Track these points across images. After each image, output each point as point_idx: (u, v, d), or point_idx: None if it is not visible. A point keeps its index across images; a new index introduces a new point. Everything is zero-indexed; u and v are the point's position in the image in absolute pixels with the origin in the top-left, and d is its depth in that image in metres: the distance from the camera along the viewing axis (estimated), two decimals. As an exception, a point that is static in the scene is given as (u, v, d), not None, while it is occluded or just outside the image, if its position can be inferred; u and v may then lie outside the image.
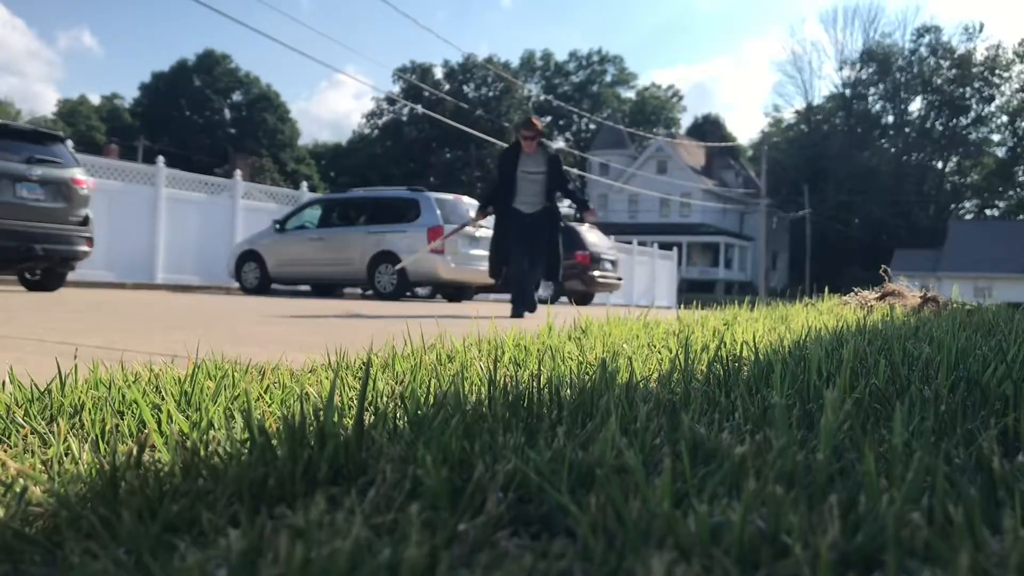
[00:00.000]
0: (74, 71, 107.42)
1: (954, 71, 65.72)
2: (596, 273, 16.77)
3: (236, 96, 73.45)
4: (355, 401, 1.46)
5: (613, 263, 17.69)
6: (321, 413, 1.12)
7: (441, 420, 1.15)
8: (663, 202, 55.44)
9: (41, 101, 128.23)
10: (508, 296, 9.53)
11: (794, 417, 1.37)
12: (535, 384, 1.51)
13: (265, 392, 1.65)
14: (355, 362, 2.22)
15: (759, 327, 3.60)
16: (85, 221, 8.81)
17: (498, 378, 1.53)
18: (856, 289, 5.85)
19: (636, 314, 4.12)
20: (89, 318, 4.77)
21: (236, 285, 14.64)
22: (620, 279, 18.29)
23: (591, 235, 17.41)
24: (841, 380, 1.50)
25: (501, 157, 7.62)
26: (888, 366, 1.87)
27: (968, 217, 65.73)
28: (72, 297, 7.96)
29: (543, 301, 16.16)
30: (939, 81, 66.35)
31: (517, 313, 7.13)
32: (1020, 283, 45.06)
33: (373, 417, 1.31)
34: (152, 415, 1.34)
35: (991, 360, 1.95)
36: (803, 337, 2.89)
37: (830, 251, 60.01)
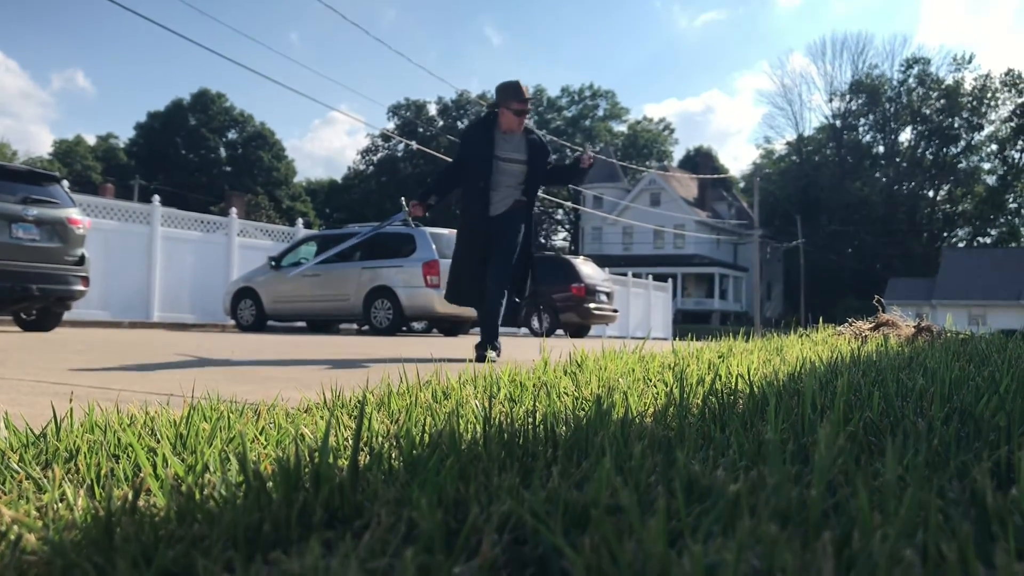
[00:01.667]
0: (68, 112, 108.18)
1: (943, 101, 66.45)
2: (592, 305, 16.78)
3: (231, 134, 73.92)
4: (351, 441, 1.46)
5: (608, 295, 17.71)
6: (316, 455, 1.12)
7: (436, 461, 1.15)
8: (657, 234, 55.66)
9: (36, 142, 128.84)
10: (511, 329, 8.74)
11: (789, 452, 1.38)
12: (531, 421, 1.52)
13: (261, 433, 1.65)
14: (351, 400, 2.22)
15: (754, 359, 3.61)
16: (81, 260, 8.82)
17: (493, 415, 1.54)
18: (850, 319, 5.86)
19: (632, 347, 4.13)
20: (85, 358, 4.76)
21: (232, 323, 14.62)
22: (616, 311, 18.30)
23: (586, 267, 17.45)
24: (835, 414, 1.51)
25: (468, 134, 5.65)
26: (882, 398, 1.88)
27: (961, 245, 66.06)
28: (68, 337, 7.94)
29: (537, 333, 16.20)
30: (928, 111, 67.06)
31: (485, 352, 5.32)
32: (1014, 310, 45.18)
33: (368, 458, 1.31)
34: (148, 459, 1.34)
35: (984, 391, 1.95)
36: (798, 369, 2.90)
37: (825, 281, 60.18)
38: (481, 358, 5.19)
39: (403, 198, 6.26)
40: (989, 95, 66.29)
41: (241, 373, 3.90)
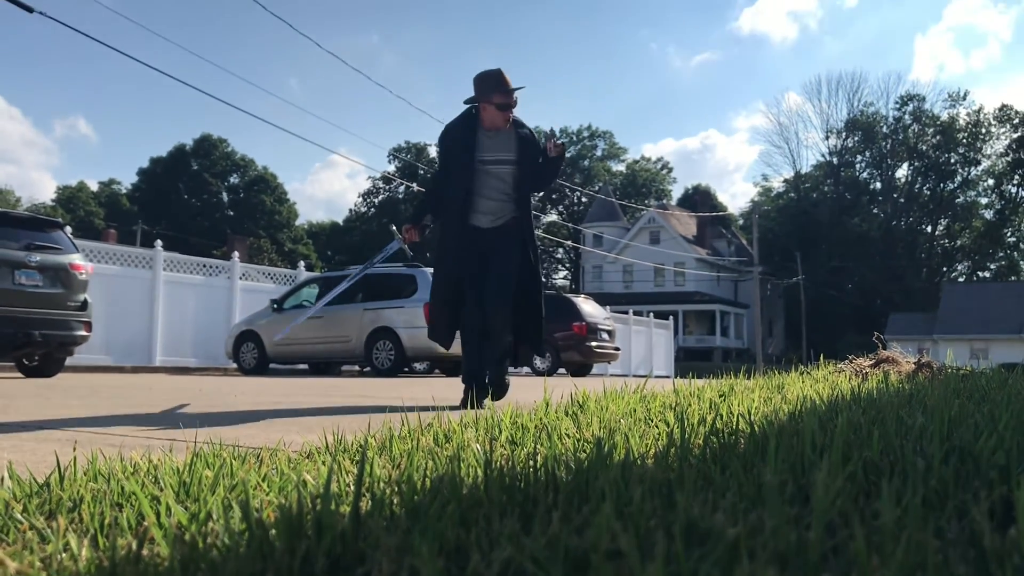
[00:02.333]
0: (71, 158, 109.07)
1: (938, 137, 66.99)
2: (593, 344, 16.76)
3: (233, 179, 74.49)
4: (353, 487, 1.47)
5: (610, 333, 17.70)
6: (319, 502, 1.13)
7: (438, 507, 1.16)
8: (657, 272, 55.77)
9: (39, 188, 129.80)
10: (517, 369, 7.06)
11: (788, 493, 1.38)
12: (532, 465, 1.53)
13: (263, 480, 1.65)
14: (353, 444, 2.23)
15: (755, 397, 3.61)
16: (83, 306, 8.85)
17: (495, 459, 1.55)
18: (851, 356, 5.88)
19: (634, 386, 4.13)
20: (88, 403, 4.76)
21: (234, 366, 14.61)
22: (618, 349, 18.27)
23: (587, 305, 17.46)
24: (834, 454, 1.51)
25: (446, 137, 4.86)
26: (881, 437, 1.88)
27: (960, 280, 66.12)
28: (71, 382, 7.94)
29: (539, 372, 16.12)
30: (924, 147, 67.56)
31: (471, 399, 4.57)
32: (1016, 344, 45.06)
33: (370, 504, 1.32)
34: (151, 507, 1.35)
35: (983, 429, 1.96)
36: (798, 407, 2.90)
37: (825, 316, 60.14)
38: (472, 401, 4.48)
39: (393, 227, 5.56)
40: (983, 130, 66.84)
41: (243, 417, 3.90)
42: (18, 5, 10.79)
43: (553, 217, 74.53)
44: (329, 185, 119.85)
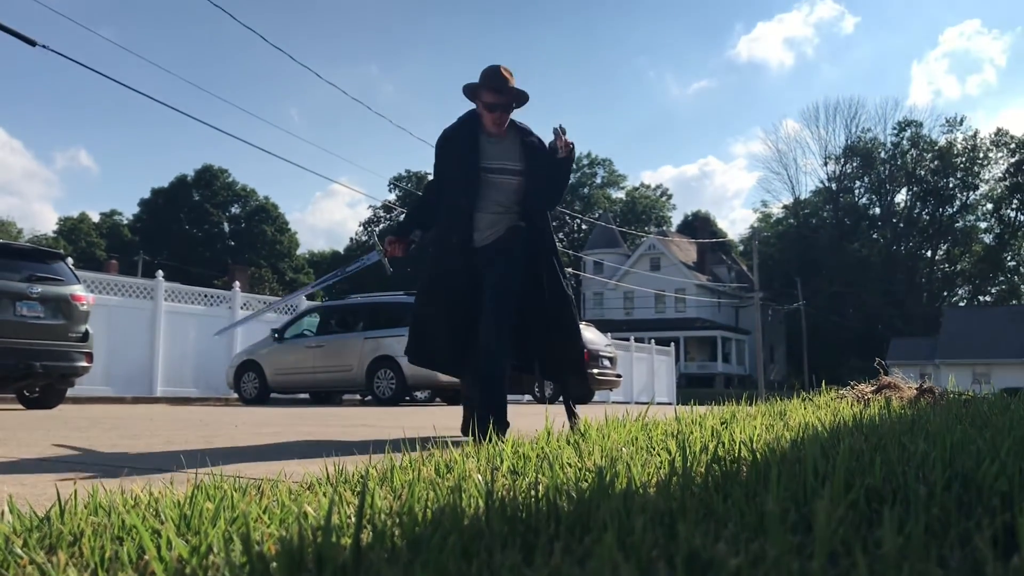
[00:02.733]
0: (72, 190, 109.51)
1: (936, 162, 67.28)
2: (595, 371, 16.72)
3: (234, 209, 74.79)
4: (353, 519, 1.47)
5: (611, 360, 17.66)
6: (319, 534, 1.13)
7: (439, 538, 1.16)
8: (658, 298, 55.78)
9: (40, 220, 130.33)
10: (518, 396, 6.42)
11: (790, 522, 1.38)
12: (533, 495, 1.52)
13: (264, 512, 1.65)
14: (354, 475, 2.22)
15: (757, 424, 3.60)
16: (85, 336, 8.85)
17: (496, 489, 1.54)
18: (852, 382, 5.87)
19: (636, 413, 4.12)
20: (89, 434, 4.75)
21: (235, 396, 14.58)
22: (619, 376, 18.23)
23: (588, 332, 17.42)
24: (835, 482, 1.51)
25: (444, 141, 4.32)
26: (884, 464, 1.88)
27: (961, 304, 66.10)
28: (71, 414, 7.92)
29: (541, 400, 16.06)
30: (922, 172, 67.85)
31: (472, 426, 4.01)
32: (1018, 368, 44.95)
33: (371, 536, 1.32)
34: (152, 540, 1.35)
35: (985, 455, 1.96)
36: (800, 435, 2.90)
37: (827, 342, 60.04)
38: (479, 435, 3.57)
39: (375, 234, 5.11)
40: (981, 155, 67.17)
41: (244, 447, 3.89)
42: (20, 39, 10.90)
43: (554, 244, 74.54)
44: (330, 214, 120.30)
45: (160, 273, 15.21)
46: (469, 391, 4.32)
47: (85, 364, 8.88)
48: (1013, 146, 66.45)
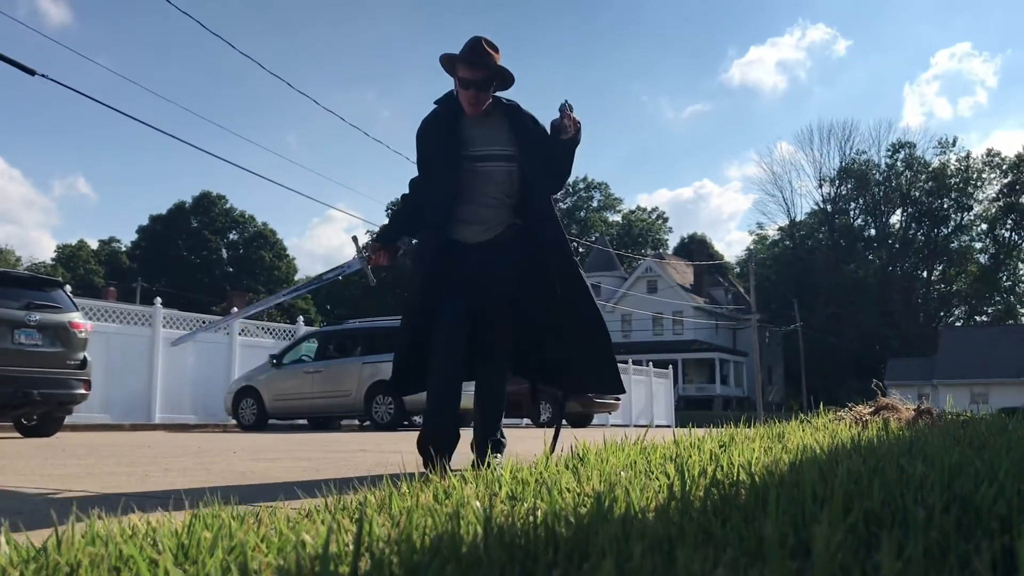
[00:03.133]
0: (70, 217, 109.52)
1: (930, 183, 67.59)
2: (593, 394, 16.70)
3: (232, 235, 74.90)
4: (352, 547, 1.47)
5: (610, 384, 17.62)
6: (317, 563, 1.13)
7: (437, 566, 1.16)
8: (656, 320, 55.79)
9: (39, 247, 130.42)
10: (516, 421, 5.66)
11: (789, 546, 1.38)
12: (532, 521, 1.52)
13: (262, 541, 1.65)
14: (352, 502, 2.22)
15: (756, 446, 3.59)
16: (83, 364, 8.84)
17: (494, 515, 1.54)
18: (850, 404, 5.87)
19: (634, 436, 4.11)
20: (86, 463, 4.73)
21: (233, 422, 14.53)
22: (618, 400, 18.20)
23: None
24: (834, 507, 1.51)
25: (423, 130, 3.79)
26: (882, 487, 1.88)
27: (958, 324, 66.15)
28: (69, 441, 7.89)
29: (540, 424, 15.98)
30: (917, 193, 68.15)
31: (486, 458, 3.44)
32: (1016, 387, 44.89)
33: (369, 564, 1.32)
34: (149, 571, 1.35)
35: (983, 477, 1.96)
36: (798, 457, 2.90)
37: (825, 363, 59.99)
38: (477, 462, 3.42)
39: (354, 237, 4.02)
40: (974, 176, 67.52)
41: (242, 475, 3.88)
42: (20, 68, 10.96)
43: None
44: (327, 240, 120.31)
45: (158, 300, 15.20)
46: (436, 421, 3.68)
47: (83, 391, 8.86)
48: (1005, 167, 66.86)
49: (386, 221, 3.89)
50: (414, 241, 3.88)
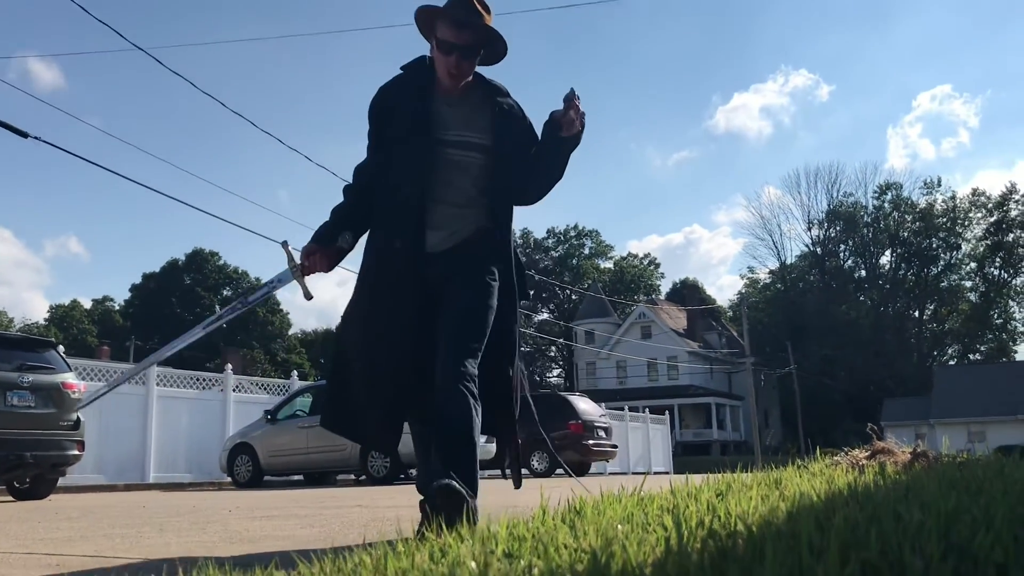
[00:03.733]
0: (62, 277, 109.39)
1: (918, 223, 68.18)
2: (590, 442, 16.61)
3: (226, 291, 74.85)
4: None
5: (607, 431, 17.56)
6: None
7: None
8: (650, 366, 55.70)
9: (31, 308, 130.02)
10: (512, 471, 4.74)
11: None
12: (530, 580, 1.52)
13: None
14: (347, 563, 2.21)
15: (753, 494, 3.59)
16: (76, 425, 8.79)
17: (491, 574, 1.54)
18: (847, 448, 5.88)
19: (632, 486, 4.10)
20: (80, 525, 4.68)
21: (228, 480, 14.40)
22: (615, 447, 18.10)
23: (582, 403, 17.37)
24: (831, 559, 1.53)
25: (380, 104, 3.00)
26: (879, 535, 1.88)
27: (952, 363, 66.21)
28: (62, 504, 7.80)
29: (538, 474, 15.84)
30: (905, 234, 68.69)
31: (435, 506, 2.65)
32: (1013, 425, 44.76)
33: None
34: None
35: (980, 523, 1.97)
36: (795, 506, 2.90)
37: (821, 405, 59.84)
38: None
39: (284, 242, 3.23)
40: (961, 215, 68.18)
41: (238, 534, 3.84)
42: (13, 131, 11.07)
43: (544, 315, 74.84)
44: (320, 293, 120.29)
45: (151, 358, 15.13)
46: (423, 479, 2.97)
47: (76, 452, 8.80)
48: (991, 205, 67.58)
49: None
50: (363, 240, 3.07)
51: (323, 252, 3.05)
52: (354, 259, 3.18)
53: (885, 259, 70.53)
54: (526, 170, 2.98)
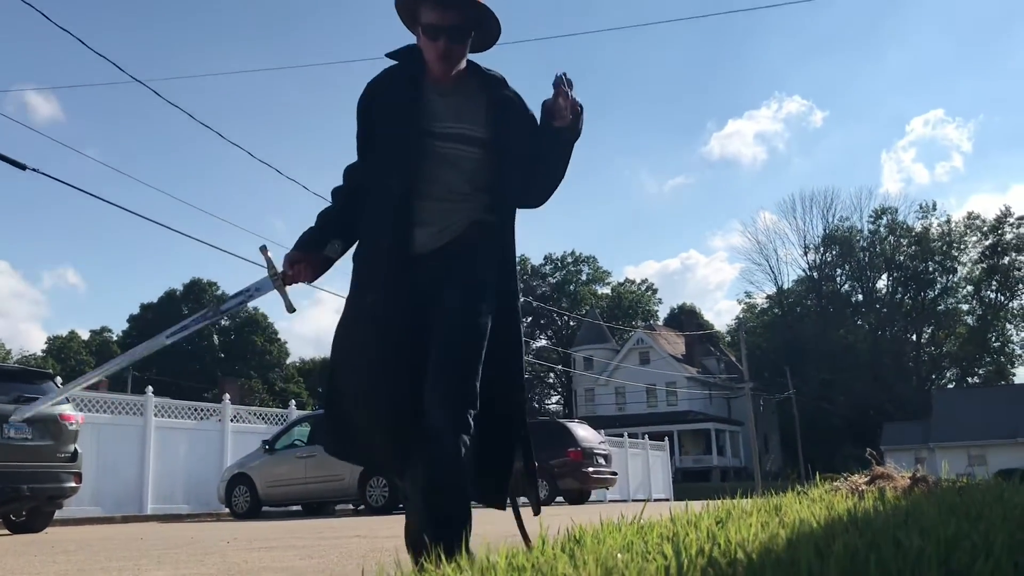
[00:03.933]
0: (60, 308, 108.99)
1: (914, 247, 68.37)
2: (590, 470, 16.53)
3: (224, 321, 74.76)
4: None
5: (606, 458, 17.49)
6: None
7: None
8: (649, 392, 55.56)
9: (28, 339, 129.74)
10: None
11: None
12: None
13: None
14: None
15: (753, 521, 3.58)
16: (73, 456, 8.75)
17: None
18: (846, 474, 5.87)
19: (631, 513, 4.10)
20: (77, 558, 4.66)
21: (226, 510, 14.31)
22: (615, 474, 18.02)
23: (581, 430, 17.30)
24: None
25: (368, 99, 2.72)
26: (878, 564, 1.89)
27: (950, 386, 66.13)
28: (60, 536, 7.76)
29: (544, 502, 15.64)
30: (902, 257, 68.86)
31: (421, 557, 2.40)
32: (1013, 448, 44.60)
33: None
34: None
35: (980, 550, 1.97)
36: (794, 532, 2.90)
37: (820, 429, 59.64)
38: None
39: (263, 247, 2.92)
40: (956, 239, 68.41)
41: (236, 566, 3.83)
42: (11, 163, 11.12)
43: (543, 342, 74.77)
44: (317, 322, 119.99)
45: (149, 389, 15.11)
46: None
47: (74, 485, 8.75)
48: (986, 229, 67.83)
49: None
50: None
51: (308, 261, 2.77)
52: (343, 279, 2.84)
53: (882, 283, 70.70)
54: (527, 166, 2.69)
